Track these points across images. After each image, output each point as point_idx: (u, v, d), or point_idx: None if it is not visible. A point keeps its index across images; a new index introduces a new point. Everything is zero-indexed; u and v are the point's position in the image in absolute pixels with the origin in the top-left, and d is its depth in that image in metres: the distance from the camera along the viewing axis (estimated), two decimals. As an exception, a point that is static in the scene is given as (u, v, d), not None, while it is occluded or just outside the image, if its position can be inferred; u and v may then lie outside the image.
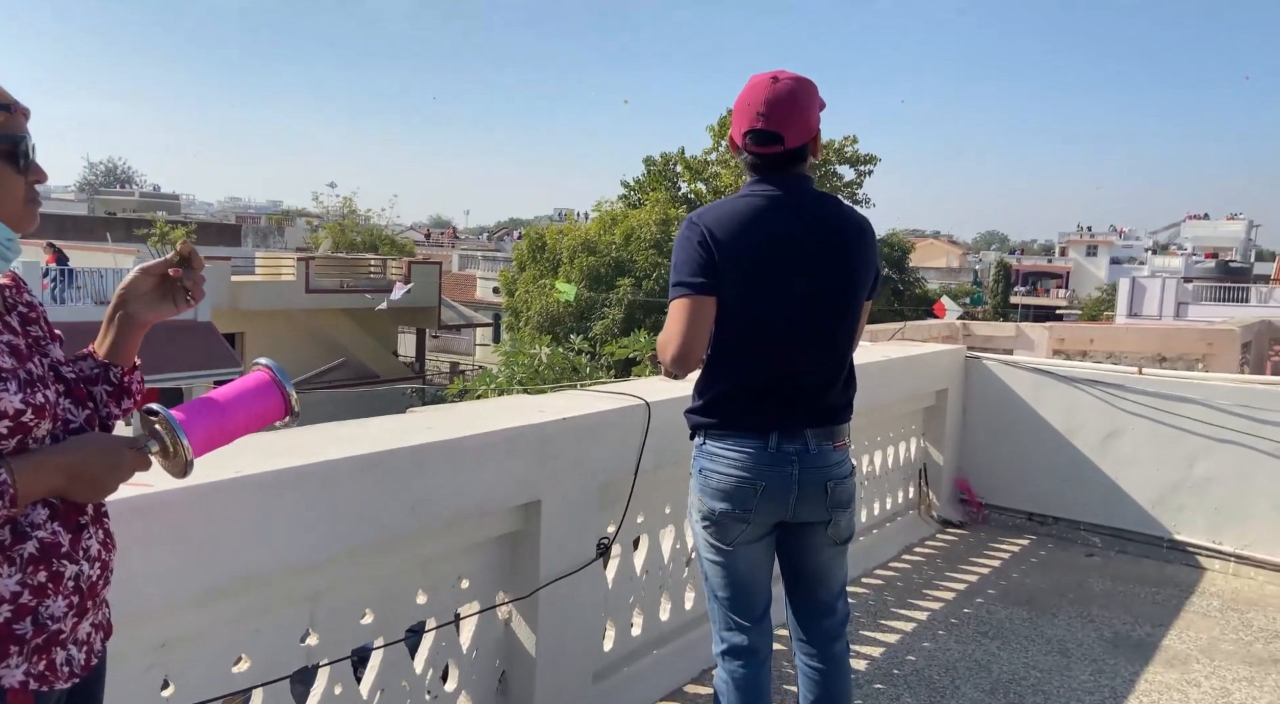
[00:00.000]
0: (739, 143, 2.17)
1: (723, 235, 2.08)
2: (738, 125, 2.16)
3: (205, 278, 1.50)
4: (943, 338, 8.14)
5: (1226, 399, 4.64)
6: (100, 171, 78.11)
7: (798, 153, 2.14)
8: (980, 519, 5.34)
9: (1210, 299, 32.12)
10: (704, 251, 2.07)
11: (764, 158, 2.14)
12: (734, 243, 2.08)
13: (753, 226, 2.10)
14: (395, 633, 2.41)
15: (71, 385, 1.39)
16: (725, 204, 2.16)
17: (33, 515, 1.26)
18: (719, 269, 2.07)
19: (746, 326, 2.12)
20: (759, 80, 2.13)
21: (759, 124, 2.10)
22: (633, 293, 20.97)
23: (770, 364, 2.14)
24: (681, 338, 2.08)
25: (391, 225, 37.94)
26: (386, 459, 2.25)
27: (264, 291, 23.44)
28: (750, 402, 2.15)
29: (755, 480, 2.13)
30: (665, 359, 2.14)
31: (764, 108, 2.09)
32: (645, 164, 26.24)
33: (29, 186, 1.31)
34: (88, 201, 53.92)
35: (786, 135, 2.10)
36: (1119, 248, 65.88)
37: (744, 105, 2.14)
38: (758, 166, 2.17)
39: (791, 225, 2.12)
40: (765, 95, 2.10)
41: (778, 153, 2.12)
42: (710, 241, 2.07)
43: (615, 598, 3.13)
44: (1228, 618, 4.08)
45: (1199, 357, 9.46)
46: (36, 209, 1.33)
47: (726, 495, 2.15)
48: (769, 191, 2.14)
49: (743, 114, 2.14)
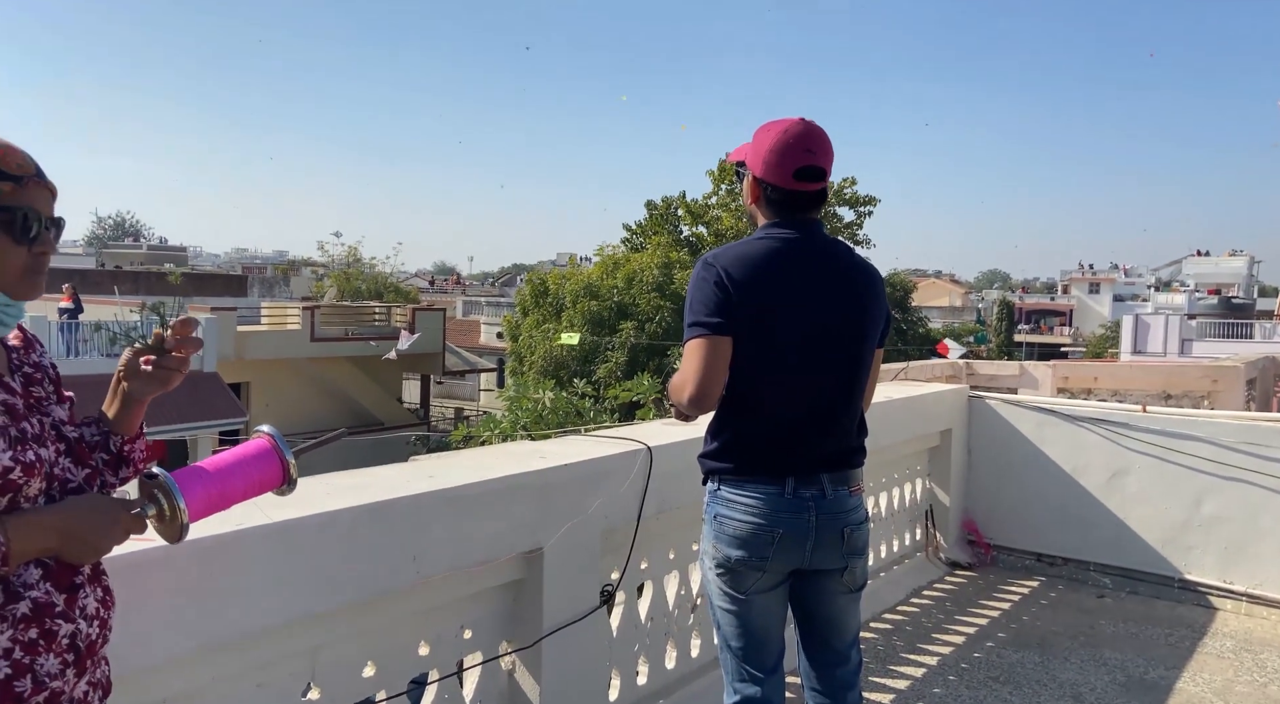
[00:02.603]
0: (777, 181, 2.14)
1: (740, 276, 2.09)
2: (780, 165, 2.13)
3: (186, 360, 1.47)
4: (946, 377, 8.13)
5: (1232, 436, 4.62)
6: (109, 225, 79.07)
7: (824, 193, 2.19)
8: (988, 561, 5.29)
9: (1214, 336, 32.09)
10: (720, 292, 2.07)
11: (809, 195, 2.17)
12: (751, 284, 2.08)
13: (769, 269, 2.11)
14: (398, 685, 2.39)
15: (73, 444, 1.40)
16: (742, 245, 2.16)
17: (25, 575, 1.27)
18: (735, 310, 2.07)
19: (761, 370, 2.12)
20: (791, 122, 2.15)
21: (808, 161, 2.12)
22: (635, 336, 21.01)
23: (785, 409, 2.14)
24: (699, 379, 2.07)
25: (396, 273, 38.23)
26: (387, 509, 2.25)
27: (269, 341, 23.55)
28: (766, 446, 2.14)
29: (773, 527, 2.11)
30: (681, 400, 2.12)
31: (811, 145, 2.13)
32: (647, 208, 26.50)
33: (33, 258, 1.32)
34: (96, 255, 54.46)
35: (828, 171, 2.16)
36: (1121, 285, 66.05)
37: (783, 145, 2.13)
38: (789, 205, 2.17)
39: (806, 269, 2.14)
40: (805, 131, 2.14)
41: (821, 189, 2.17)
42: (727, 282, 2.08)
43: (620, 646, 3.10)
44: (1241, 659, 4.02)
45: (1204, 393, 9.42)
46: (39, 279, 1.34)
47: (742, 542, 2.13)
48: (785, 235, 2.16)
49: (785, 153, 2.12)
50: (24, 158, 1.32)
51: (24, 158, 1.32)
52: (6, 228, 1.29)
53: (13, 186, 1.29)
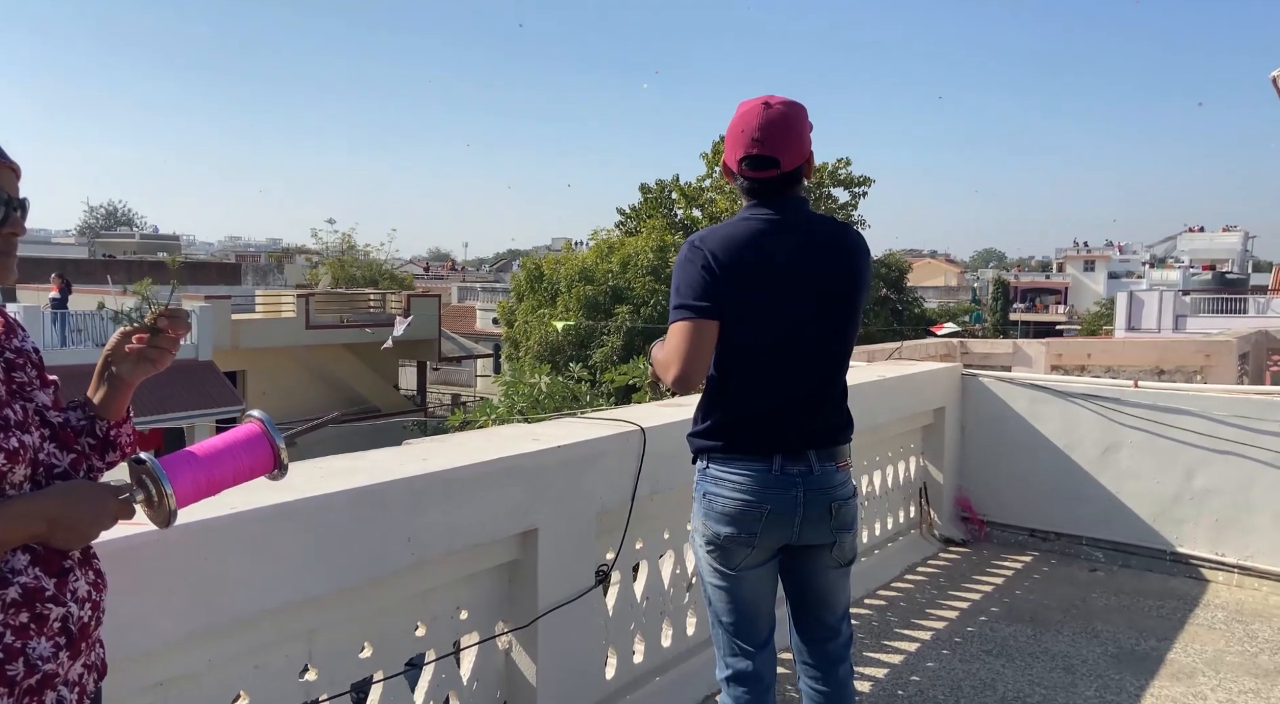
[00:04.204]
0: (734, 169, 2.20)
1: (726, 259, 2.10)
2: (732, 151, 2.19)
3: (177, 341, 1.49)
4: (940, 356, 8.16)
5: (1223, 410, 4.65)
6: (100, 215, 78.63)
7: (793, 176, 2.17)
8: (982, 537, 5.33)
9: (1208, 311, 32.14)
10: (708, 275, 2.09)
11: (760, 182, 2.17)
12: (737, 267, 2.10)
13: (754, 250, 2.12)
14: (395, 666, 2.41)
15: (58, 429, 1.41)
16: (726, 228, 2.18)
17: (13, 561, 1.27)
18: (722, 293, 2.09)
19: (748, 349, 2.14)
20: (751, 106, 2.16)
21: (754, 150, 2.13)
22: (631, 320, 21.00)
23: (772, 387, 2.16)
24: (683, 360, 2.10)
25: (390, 259, 38.11)
26: (382, 491, 2.27)
27: (265, 329, 23.51)
28: (753, 424, 2.17)
29: (760, 503, 2.14)
30: (666, 379, 2.16)
31: (758, 133, 2.12)
32: (641, 191, 26.43)
33: (2, 240, 1.32)
34: (88, 245, 54.23)
35: (782, 159, 2.14)
36: (1116, 262, 66.06)
37: (737, 132, 2.16)
38: (754, 191, 2.19)
39: (791, 248, 2.15)
40: (758, 121, 2.13)
41: (774, 177, 2.16)
42: (714, 265, 2.09)
43: (616, 625, 3.13)
44: (1232, 630, 4.06)
45: (1197, 368, 9.47)
46: (10, 262, 1.34)
47: (731, 519, 2.16)
48: (767, 215, 2.17)
49: (737, 140, 2.17)
50: None
51: None
52: None
53: None
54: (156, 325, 1.46)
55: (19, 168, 1.35)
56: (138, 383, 1.50)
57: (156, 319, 1.46)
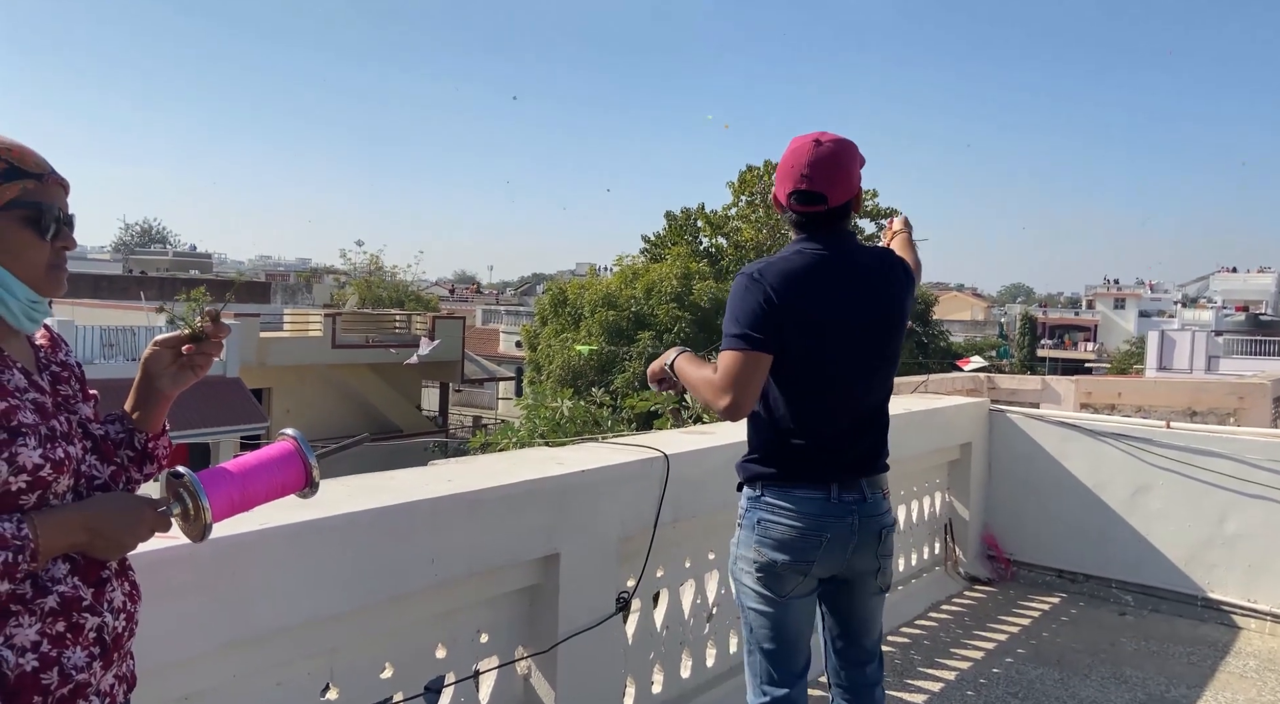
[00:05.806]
0: (784, 202, 2.26)
1: (785, 293, 2.15)
2: (782, 185, 2.25)
3: (221, 344, 1.52)
4: (966, 391, 8.07)
5: (1257, 453, 4.56)
6: (135, 232, 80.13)
7: (840, 211, 2.23)
8: (1008, 576, 5.24)
9: (1241, 352, 31.68)
10: (767, 307, 2.14)
11: (808, 216, 2.23)
12: (795, 301, 2.16)
13: (810, 284, 2.18)
14: (414, 688, 2.41)
15: (99, 442, 1.44)
16: (781, 261, 2.23)
17: (53, 570, 1.29)
18: (781, 327, 2.14)
19: (805, 381, 2.20)
20: (801, 143, 2.23)
21: (803, 185, 2.20)
22: (653, 346, 21.01)
23: (830, 416, 2.22)
24: (734, 390, 2.13)
25: (417, 281, 38.53)
26: (406, 511, 2.28)
27: (291, 347, 23.75)
28: (812, 453, 2.22)
29: (820, 532, 2.19)
30: (717, 405, 2.18)
31: (807, 170, 2.19)
32: (666, 218, 26.54)
33: (55, 253, 1.36)
34: (123, 261, 55.21)
35: (830, 195, 2.20)
36: (1147, 300, 65.35)
37: (788, 167, 2.23)
38: (802, 225, 2.26)
39: (843, 281, 2.21)
40: (808, 157, 2.19)
41: (821, 211, 2.22)
42: (774, 299, 2.14)
43: (635, 654, 3.10)
44: (1265, 679, 3.96)
45: (1230, 411, 9.29)
46: (62, 275, 1.38)
47: (788, 546, 2.20)
48: (817, 249, 2.23)
49: (787, 175, 2.23)
50: (40, 157, 1.36)
51: (40, 157, 1.36)
52: (33, 224, 1.32)
53: (35, 184, 1.33)
54: (204, 331, 1.49)
55: (68, 184, 1.39)
56: (176, 395, 1.52)
57: (203, 325, 1.49)
